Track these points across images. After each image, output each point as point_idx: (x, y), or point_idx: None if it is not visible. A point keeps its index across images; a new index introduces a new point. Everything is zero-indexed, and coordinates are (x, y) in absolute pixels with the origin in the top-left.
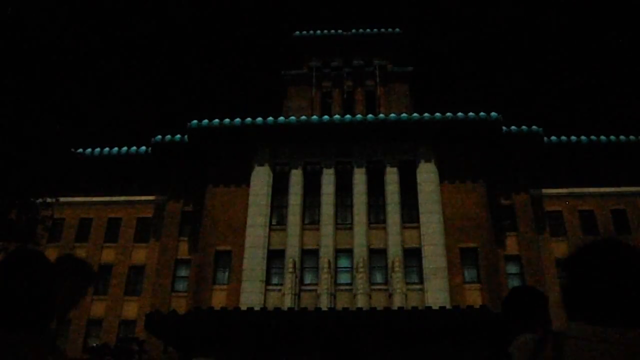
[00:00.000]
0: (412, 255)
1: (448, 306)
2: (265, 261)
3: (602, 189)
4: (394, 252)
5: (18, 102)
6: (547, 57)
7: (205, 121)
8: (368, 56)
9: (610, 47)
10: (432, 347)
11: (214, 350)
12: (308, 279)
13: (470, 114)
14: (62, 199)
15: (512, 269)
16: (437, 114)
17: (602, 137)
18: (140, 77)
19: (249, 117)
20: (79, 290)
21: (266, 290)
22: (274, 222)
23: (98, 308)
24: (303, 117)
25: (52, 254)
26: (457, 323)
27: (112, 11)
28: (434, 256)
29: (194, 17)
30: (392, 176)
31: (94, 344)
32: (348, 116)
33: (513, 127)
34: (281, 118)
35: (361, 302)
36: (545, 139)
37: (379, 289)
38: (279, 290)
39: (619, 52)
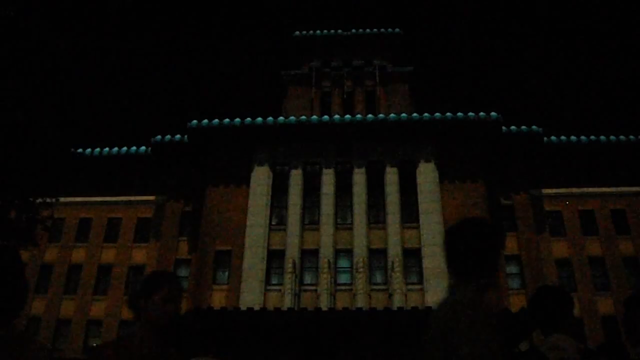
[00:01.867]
0: (412, 256)
1: None
2: (265, 261)
3: (602, 189)
4: (394, 252)
5: (18, 102)
6: (547, 57)
7: (205, 121)
8: (368, 56)
9: (611, 47)
10: None
11: (214, 350)
12: (308, 279)
13: (470, 113)
14: (62, 199)
15: (512, 269)
16: (437, 114)
17: (602, 137)
18: (140, 77)
19: (248, 117)
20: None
21: (266, 290)
22: (273, 222)
23: (98, 308)
24: (303, 117)
25: (52, 254)
26: None
27: (113, 11)
28: (433, 256)
29: (194, 17)
30: (392, 176)
31: (94, 344)
32: (348, 116)
33: (513, 127)
34: (281, 118)
35: (361, 302)
36: (545, 139)
37: (379, 289)
38: (279, 290)
39: (619, 52)
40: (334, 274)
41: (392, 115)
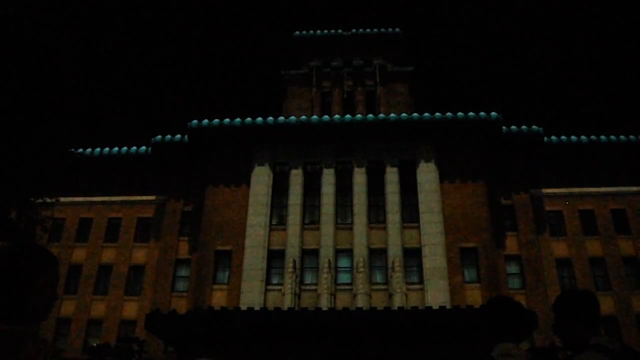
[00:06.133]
0: (412, 255)
1: (448, 306)
2: (265, 261)
3: (602, 189)
4: (394, 252)
5: (18, 102)
6: (547, 56)
7: (205, 121)
8: (368, 56)
9: (611, 47)
10: (432, 347)
11: (214, 350)
12: (308, 279)
13: (470, 114)
14: (62, 199)
15: (512, 268)
16: (437, 114)
17: (602, 137)
18: (140, 77)
19: (249, 117)
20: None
21: (266, 290)
22: (274, 222)
23: (98, 308)
24: (303, 117)
25: None
26: (457, 323)
27: (113, 11)
28: (434, 256)
29: (194, 16)
30: (392, 176)
31: (94, 344)
32: (348, 116)
33: (513, 127)
34: (281, 118)
35: (361, 302)
36: (545, 139)
37: (379, 289)
38: (279, 290)
39: (619, 52)
40: (334, 273)
41: (392, 115)
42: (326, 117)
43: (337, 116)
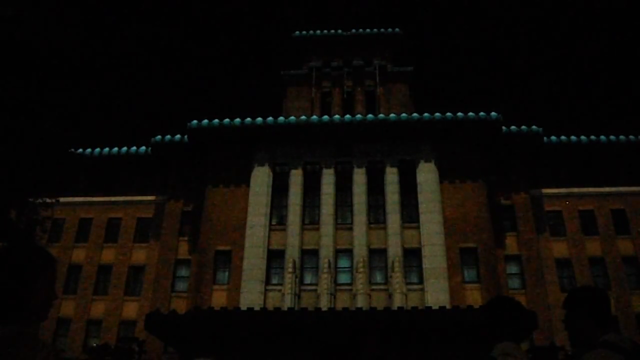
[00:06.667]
0: (412, 255)
1: (448, 306)
2: (265, 261)
3: (602, 189)
4: (394, 252)
5: (18, 102)
6: (547, 57)
7: (205, 121)
8: (368, 56)
9: (611, 47)
10: (432, 347)
11: (214, 350)
12: (308, 279)
13: (470, 114)
14: (62, 199)
15: (512, 268)
16: (437, 114)
17: (602, 137)
18: (140, 77)
19: (248, 117)
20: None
21: (266, 290)
22: (274, 222)
23: (98, 308)
24: (303, 117)
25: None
26: (457, 323)
27: (113, 11)
28: (434, 256)
29: (194, 17)
30: (392, 176)
31: (94, 344)
32: (348, 116)
33: (513, 127)
34: (281, 118)
35: (361, 302)
36: (545, 139)
37: (379, 289)
38: (279, 290)
39: (619, 52)
40: (334, 274)
41: (392, 115)
42: (326, 117)
43: (337, 116)
